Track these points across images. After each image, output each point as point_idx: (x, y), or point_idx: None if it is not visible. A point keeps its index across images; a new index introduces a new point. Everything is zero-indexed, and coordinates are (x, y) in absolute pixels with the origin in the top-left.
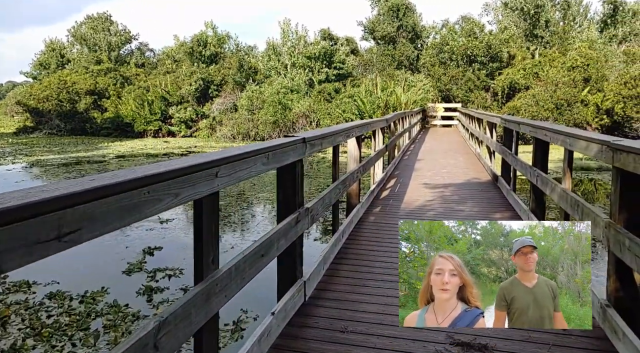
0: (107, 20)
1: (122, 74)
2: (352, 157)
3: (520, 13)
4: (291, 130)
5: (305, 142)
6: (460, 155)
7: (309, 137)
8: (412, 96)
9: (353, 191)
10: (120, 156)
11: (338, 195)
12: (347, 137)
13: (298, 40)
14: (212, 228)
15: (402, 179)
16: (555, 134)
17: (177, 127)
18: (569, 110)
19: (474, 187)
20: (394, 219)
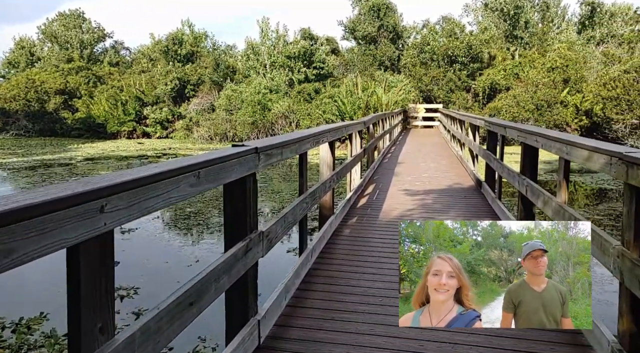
0: (80, 17)
1: (95, 72)
2: (325, 164)
3: (500, 14)
4: (270, 131)
5: (259, 153)
6: (442, 158)
7: (264, 147)
8: (393, 97)
9: (326, 202)
10: (89, 159)
11: (305, 210)
12: (316, 143)
13: (278, 40)
14: (100, 284)
15: (382, 185)
16: (548, 140)
17: (153, 128)
18: (549, 111)
19: (457, 194)
20: (372, 232)
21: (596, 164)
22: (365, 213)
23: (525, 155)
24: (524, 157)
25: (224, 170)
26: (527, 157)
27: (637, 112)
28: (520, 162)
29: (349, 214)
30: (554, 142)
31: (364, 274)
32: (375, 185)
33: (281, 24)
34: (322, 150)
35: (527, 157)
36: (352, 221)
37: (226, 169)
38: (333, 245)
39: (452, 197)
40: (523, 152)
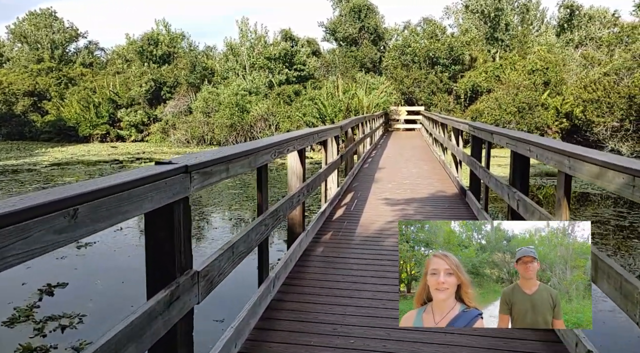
0: (52, 16)
1: (66, 74)
2: (294, 176)
3: (481, 16)
4: (248, 134)
5: (190, 173)
6: (423, 163)
7: (198, 164)
8: (375, 99)
9: (295, 218)
10: (55, 164)
11: (264, 233)
12: (279, 153)
13: (257, 41)
14: None
15: (361, 193)
16: (545, 150)
17: (127, 131)
18: (531, 114)
19: (440, 203)
20: (347, 250)
21: (611, 183)
22: (341, 227)
23: (516, 165)
24: (514, 167)
25: (129, 202)
26: (518, 166)
27: (617, 114)
28: (510, 173)
29: (324, 228)
30: (553, 153)
31: (334, 303)
32: (354, 194)
33: (263, 25)
34: (291, 159)
35: (517, 167)
36: (326, 237)
37: (134, 200)
38: (303, 267)
39: (435, 207)
40: (513, 161)
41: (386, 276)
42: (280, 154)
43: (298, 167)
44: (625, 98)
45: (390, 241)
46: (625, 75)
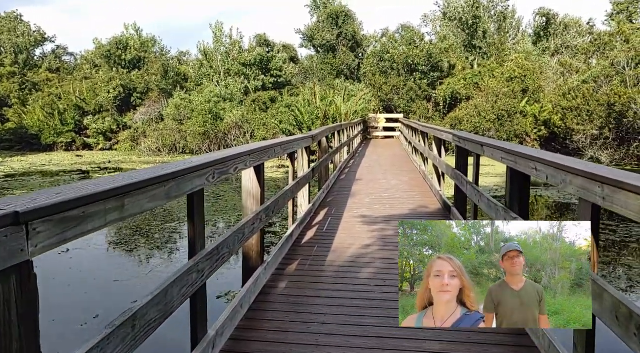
0: (17, 19)
1: (30, 79)
2: (250, 197)
3: (459, 23)
4: (222, 142)
5: (26, 224)
6: (403, 174)
7: (40, 209)
8: (353, 106)
9: (252, 247)
10: (10, 175)
11: (195, 284)
12: (220, 174)
13: (232, 46)
14: None
15: (335, 210)
16: (560, 171)
17: (94, 139)
18: (510, 122)
19: None
20: (315, 284)
21: None
22: (310, 254)
23: (513, 184)
24: (511, 187)
25: None
26: (516, 186)
27: (597, 122)
28: (507, 193)
29: (290, 256)
30: (574, 176)
31: None
32: (327, 210)
33: (238, 30)
34: (245, 178)
35: (515, 187)
36: (291, 268)
37: None
38: (259, 313)
39: None
40: (510, 180)
41: (361, 322)
42: (223, 174)
43: (255, 187)
44: (604, 106)
45: (367, 272)
46: (604, 82)
